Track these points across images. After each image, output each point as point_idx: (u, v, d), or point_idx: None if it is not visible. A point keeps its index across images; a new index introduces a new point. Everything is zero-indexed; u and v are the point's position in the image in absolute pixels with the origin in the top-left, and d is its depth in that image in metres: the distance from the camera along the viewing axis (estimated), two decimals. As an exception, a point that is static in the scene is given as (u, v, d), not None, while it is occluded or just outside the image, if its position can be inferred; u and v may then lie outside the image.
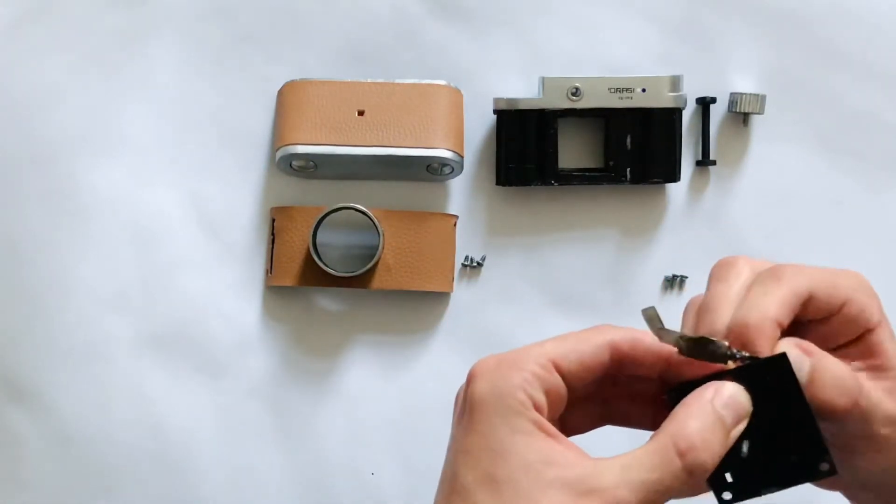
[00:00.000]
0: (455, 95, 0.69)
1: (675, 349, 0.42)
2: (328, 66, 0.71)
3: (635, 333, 0.43)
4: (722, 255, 0.70)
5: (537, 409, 0.41)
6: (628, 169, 0.69)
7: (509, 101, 0.68)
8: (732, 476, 0.41)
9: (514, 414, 0.40)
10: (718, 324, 0.42)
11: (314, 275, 0.68)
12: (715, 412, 0.40)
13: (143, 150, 0.70)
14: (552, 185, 0.69)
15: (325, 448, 0.69)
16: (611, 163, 0.69)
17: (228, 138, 0.71)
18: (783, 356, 0.41)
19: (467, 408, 0.41)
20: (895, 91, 0.71)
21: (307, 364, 0.70)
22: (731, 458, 0.41)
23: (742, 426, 0.41)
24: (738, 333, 0.41)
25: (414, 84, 0.69)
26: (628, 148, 0.69)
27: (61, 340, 0.69)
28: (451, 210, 0.71)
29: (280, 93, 0.70)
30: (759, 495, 0.41)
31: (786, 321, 0.42)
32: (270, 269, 0.69)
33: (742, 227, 0.71)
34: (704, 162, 0.71)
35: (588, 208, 0.71)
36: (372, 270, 0.68)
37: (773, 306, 0.41)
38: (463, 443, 0.41)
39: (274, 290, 0.70)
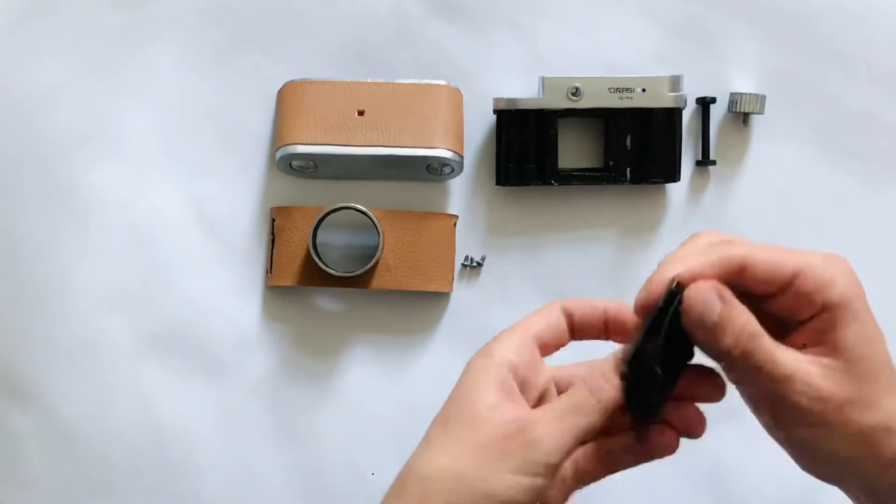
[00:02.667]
0: (455, 95, 0.69)
1: (610, 307, 0.50)
2: (328, 66, 0.71)
3: (580, 300, 0.50)
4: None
5: (512, 369, 0.47)
6: (628, 169, 0.69)
7: (509, 101, 0.68)
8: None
9: (482, 370, 0.46)
10: (654, 280, 0.46)
11: (314, 275, 0.68)
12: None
13: (143, 149, 0.70)
14: (552, 185, 0.69)
15: (325, 448, 0.69)
16: (611, 163, 0.69)
17: (228, 138, 0.71)
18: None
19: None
20: (895, 91, 0.71)
21: (307, 364, 0.70)
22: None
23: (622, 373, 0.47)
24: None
25: (414, 84, 0.69)
26: (628, 148, 0.69)
27: (61, 340, 0.69)
28: (451, 210, 0.71)
29: (280, 93, 0.70)
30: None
31: (698, 276, 0.45)
32: (270, 269, 0.69)
33: (742, 227, 0.71)
34: (704, 162, 0.71)
35: (588, 208, 0.71)
36: (372, 270, 0.68)
37: (686, 264, 0.45)
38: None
39: (274, 290, 0.70)
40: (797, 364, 0.44)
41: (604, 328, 0.50)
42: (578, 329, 0.50)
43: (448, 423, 0.46)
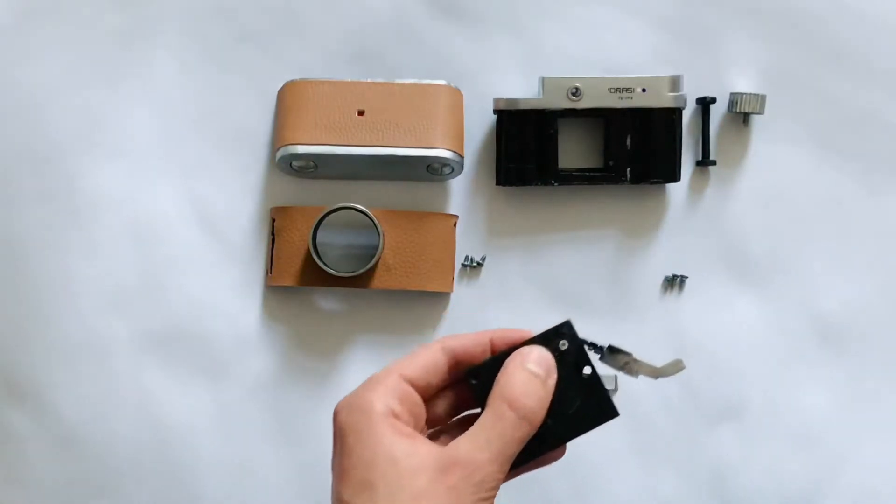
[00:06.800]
0: (455, 95, 0.69)
1: (495, 335, 0.50)
2: (328, 66, 0.71)
3: (464, 336, 0.50)
4: (722, 255, 0.71)
5: (395, 416, 0.47)
6: (628, 169, 0.69)
7: (509, 101, 0.68)
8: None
9: (375, 424, 0.46)
10: None
11: (314, 275, 0.68)
12: (526, 369, 0.48)
13: (144, 150, 0.70)
14: (552, 185, 0.69)
15: (325, 448, 0.69)
16: (611, 163, 0.69)
17: (228, 138, 0.71)
18: (567, 323, 0.50)
19: (338, 440, 0.47)
20: (895, 91, 0.71)
21: (307, 364, 0.70)
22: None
23: (554, 376, 0.49)
24: None
25: (414, 84, 0.69)
26: (628, 148, 0.69)
27: (61, 340, 0.69)
28: (451, 210, 0.71)
29: (280, 93, 0.70)
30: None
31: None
32: (270, 269, 0.69)
33: (742, 227, 0.71)
34: (704, 162, 0.71)
35: (588, 208, 0.71)
36: (372, 270, 0.68)
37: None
38: (339, 467, 0.46)
39: (274, 290, 0.70)
40: None
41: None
42: (465, 364, 0.50)
43: (375, 491, 0.44)
